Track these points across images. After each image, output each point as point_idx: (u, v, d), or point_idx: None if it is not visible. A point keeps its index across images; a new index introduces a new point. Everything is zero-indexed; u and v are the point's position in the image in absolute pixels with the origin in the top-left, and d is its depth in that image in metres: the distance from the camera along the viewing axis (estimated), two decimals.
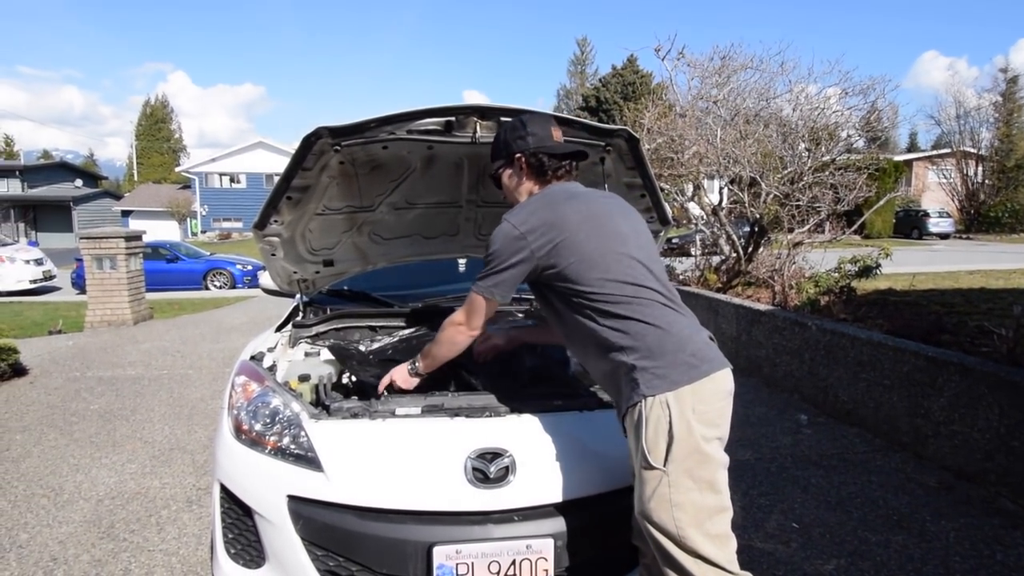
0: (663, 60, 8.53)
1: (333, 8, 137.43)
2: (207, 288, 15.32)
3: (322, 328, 2.84)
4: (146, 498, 3.40)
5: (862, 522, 3.10)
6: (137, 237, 9.47)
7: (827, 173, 7.37)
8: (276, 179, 2.28)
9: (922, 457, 3.84)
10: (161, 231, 32.53)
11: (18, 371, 6.06)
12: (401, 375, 2.11)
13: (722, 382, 1.68)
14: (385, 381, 2.12)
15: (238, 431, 2.01)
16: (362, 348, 2.75)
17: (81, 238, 9.14)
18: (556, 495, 1.83)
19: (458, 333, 1.93)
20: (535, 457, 1.87)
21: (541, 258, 1.74)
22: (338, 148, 2.18)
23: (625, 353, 1.68)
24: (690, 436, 1.59)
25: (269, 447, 1.93)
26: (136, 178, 55.10)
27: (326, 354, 2.64)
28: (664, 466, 1.60)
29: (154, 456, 4.01)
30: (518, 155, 1.90)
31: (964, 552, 2.82)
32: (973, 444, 3.51)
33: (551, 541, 1.77)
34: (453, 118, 2.15)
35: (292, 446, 1.91)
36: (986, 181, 27.87)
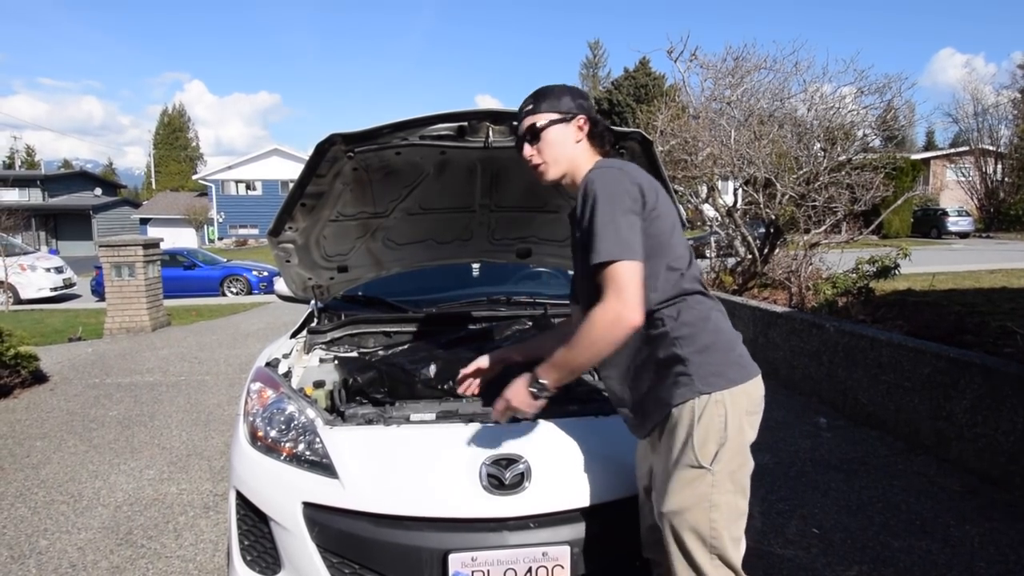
0: (676, 62, 8.49)
1: (346, 18, 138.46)
2: (224, 294, 15.45)
3: (337, 334, 2.84)
4: (163, 504, 3.43)
5: (884, 527, 3.05)
6: (155, 244, 9.57)
7: (843, 173, 7.29)
8: (291, 186, 2.29)
9: (945, 460, 3.77)
10: (179, 238, 32.96)
11: (38, 378, 6.14)
12: (522, 399, 1.65)
13: (761, 387, 1.66)
14: (499, 408, 1.68)
15: (253, 437, 2.02)
16: (367, 352, 2.75)
17: (100, 246, 9.26)
18: (572, 501, 1.81)
19: (616, 325, 1.47)
20: (551, 463, 1.85)
21: (644, 219, 1.54)
22: (351, 155, 2.18)
23: (680, 345, 1.56)
24: (740, 437, 1.57)
25: (284, 454, 1.94)
26: (154, 186, 55.85)
27: (345, 355, 2.65)
28: (710, 465, 1.54)
29: (172, 462, 4.04)
30: (582, 116, 1.71)
31: (990, 558, 2.76)
32: (997, 447, 3.44)
33: (567, 548, 1.75)
34: (465, 123, 2.14)
35: (307, 452, 1.91)
36: (1006, 179, 27.45)
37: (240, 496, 1.99)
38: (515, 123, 1.78)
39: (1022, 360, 3.58)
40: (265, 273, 15.70)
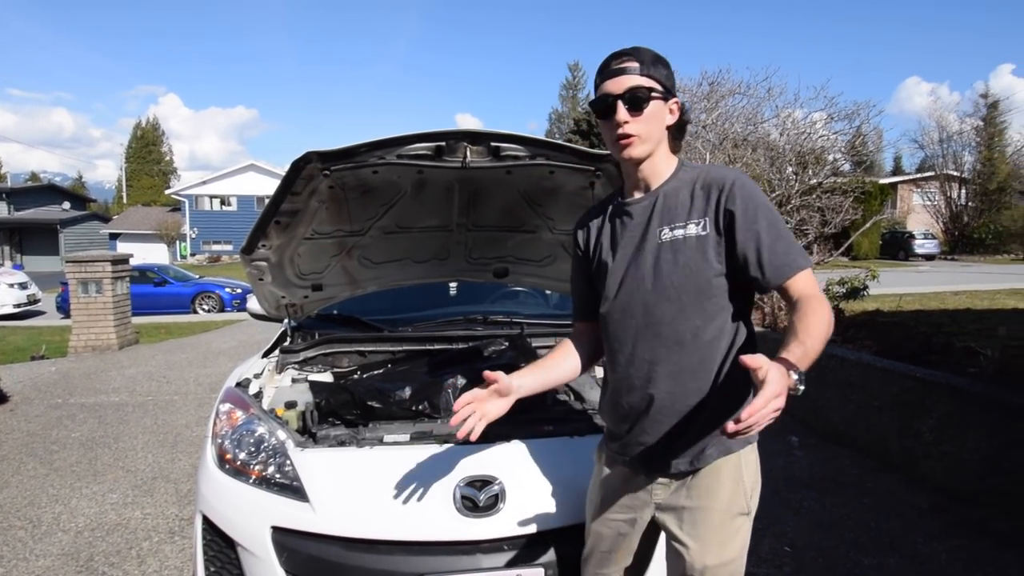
0: None
1: (328, 30, 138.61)
2: (195, 312, 15.18)
3: (310, 353, 2.81)
4: (127, 529, 3.32)
5: (855, 545, 3.07)
6: (124, 260, 9.39)
7: (814, 196, 7.46)
8: (266, 202, 2.27)
9: (913, 478, 3.83)
10: (150, 254, 32.40)
11: None
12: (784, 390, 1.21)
13: None
14: (766, 404, 1.17)
15: (222, 460, 1.97)
16: (342, 371, 2.71)
17: (67, 261, 9.06)
18: (547, 523, 1.80)
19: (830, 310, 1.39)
20: (525, 484, 1.84)
21: None
22: (328, 173, 2.17)
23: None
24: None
25: (253, 476, 1.90)
26: (125, 200, 54.94)
27: (316, 379, 2.61)
28: (751, 509, 1.50)
29: (136, 485, 3.93)
30: (676, 100, 1.50)
31: (957, 575, 2.80)
32: (964, 465, 3.51)
33: (542, 571, 1.74)
34: (443, 143, 2.14)
35: (277, 475, 1.88)
36: (969, 203, 28.32)
37: (206, 521, 1.95)
38: (614, 69, 1.44)
39: (987, 380, 3.67)
40: (238, 290, 15.47)
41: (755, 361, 1.17)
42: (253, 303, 3.01)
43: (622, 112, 1.42)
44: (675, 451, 1.45)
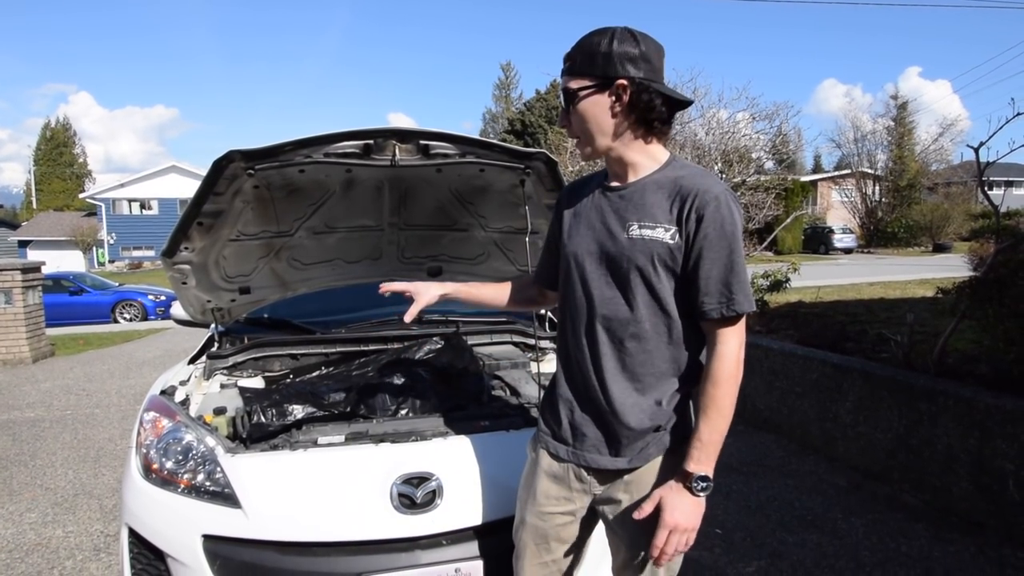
0: None
1: (252, 25, 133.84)
2: (116, 321, 14.46)
3: (240, 358, 2.73)
4: (47, 549, 3.15)
5: (780, 524, 3.24)
6: (36, 269, 8.90)
7: (739, 193, 7.78)
8: (188, 203, 2.20)
9: (833, 459, 4.06)
10: (64, 261, 30.61)
11: None
12: (694, 514, 1.41)
13: None
14: (666, 546, 1.40)
15: (148, 470, 1.91)
16: (273, 376, 2.65)
17: None
18: (485, 516, 1.82)
19: (742, 364, 1.38)
20: (462, 479, 1.86)
21: None
22: (252, 172, 2.12)
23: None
24: None
25: (182, 485, 1.85)
26: (35, 206, 51.64)
27: (245, 384, 2.55)
28: None
29: (56, 503, 3.72)
30: (623, 81, 1.34)
31: (872, 546, 3.00)
32: (877, 444, 3.74)
33: (480, 563, 1.76)
34: (372, 141, 2.13)
35: (207, 483, 1.83)
36: (883, 199, 29.94)
37: (133, 534, 1.88)
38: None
39: (896, 364, 3.93)
40: (162, 297, 14.83)
41: (649, 505, 1.39)
42: (177, 309, 2.91)
43: (561, 117, 1.44)
44: (615, 449, 1.45)
